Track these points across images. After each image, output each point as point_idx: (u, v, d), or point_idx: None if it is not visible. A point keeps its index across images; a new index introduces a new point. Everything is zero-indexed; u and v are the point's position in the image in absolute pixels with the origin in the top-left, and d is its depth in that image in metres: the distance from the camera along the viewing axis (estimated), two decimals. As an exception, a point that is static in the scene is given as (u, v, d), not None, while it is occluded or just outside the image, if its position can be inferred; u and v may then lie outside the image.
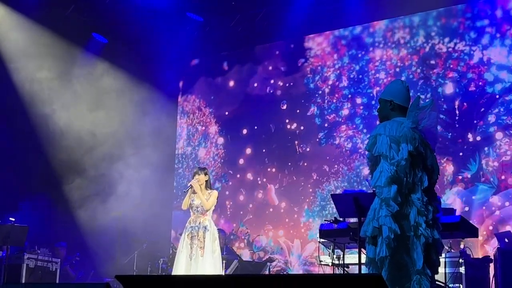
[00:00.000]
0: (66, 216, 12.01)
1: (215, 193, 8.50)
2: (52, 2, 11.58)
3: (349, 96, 12.16)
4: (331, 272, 8.83)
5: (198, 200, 8.41)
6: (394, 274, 4.79)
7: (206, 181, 8.52)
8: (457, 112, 11.08)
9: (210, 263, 8.13)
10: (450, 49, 11.34)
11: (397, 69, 11.77)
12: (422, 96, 10.67)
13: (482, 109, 10.84)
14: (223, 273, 9.11)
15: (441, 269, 6.04)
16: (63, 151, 12.04)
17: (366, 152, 5.16)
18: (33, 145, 11.82)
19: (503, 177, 10.51)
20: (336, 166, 12.10)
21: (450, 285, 7.80)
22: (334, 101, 12.34)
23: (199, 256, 8.12)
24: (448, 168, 10.97)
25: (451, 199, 10.78)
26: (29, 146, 11.80)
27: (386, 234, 4.73)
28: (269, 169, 12.92)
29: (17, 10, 11.50)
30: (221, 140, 13.69)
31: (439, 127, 5.57)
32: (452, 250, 8.49)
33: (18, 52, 11.63)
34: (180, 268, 8.16)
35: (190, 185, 8.46)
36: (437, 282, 6.16)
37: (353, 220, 7.12)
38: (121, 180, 12.37)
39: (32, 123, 11.83)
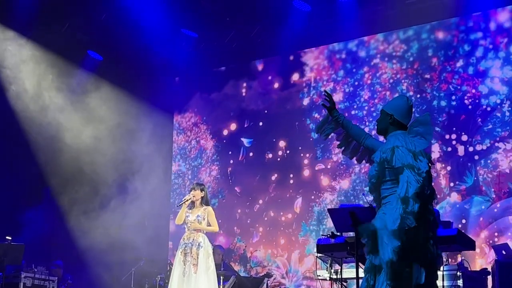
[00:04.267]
0: (62, 233, 11.98)
1: (211, 212, 8.44)
2: (47, 20, 11.60)
3: (344, 110, 12.17)
4: (329, 286, 8.82)
5: (193, 216, 8.37)
6: (397, 286, 4.74)
7: (202, 197, 8.48)
8: (452, 124, 11.10)
9: (204, 280, 8.09)
10: (444, 62, 11.38)
11: (392, 83, 11.80)
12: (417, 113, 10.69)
13: (477, 121, 10.86)
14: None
15: (439, 282, 6.02)
16: (59, 168, 12.03)
17: (373, 165, 5.06)
18: (29, 162, 11.81)
19: (499, 189, 10.52)
20: (332, 180, 12.10)
21: (448, 298, 7.78)
22: (330, 115, 12.33)
23: (192, 273, 8.08)
24: (444, 180, 10.97)
25: (448, 211, 10.77)
26: (25, 163, 11.79)
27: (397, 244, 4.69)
28: (265, 184, 12.90)
29: (13, 28, 11.52)
30: (217, 156, 13.68)
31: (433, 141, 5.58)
32: (449, 263, 8.48)
33: (14, 69, 11.65)
34: (174, 285, 8.13)
35: (185, 199, 8.44)
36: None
37: (350, 234, 7.11)
38: (118, 197, 12.35)
39: (28, 139, 11.82)
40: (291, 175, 12.63)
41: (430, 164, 4.91)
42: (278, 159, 12.87)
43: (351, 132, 5.47)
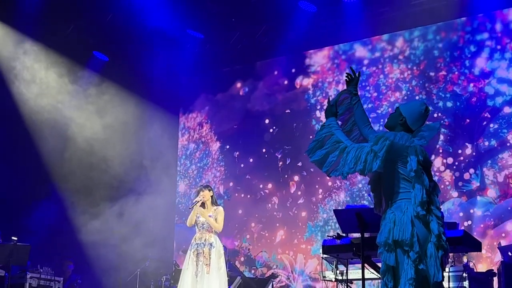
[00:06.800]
0: (68, 234, 11.99)
1: (221, 211, 8.40)
2: (53, 22, 11.64)
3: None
4: None
5: (203, 217, 8.36)
6: (418, 286, 4.67)
7: (211, 196, 8.46)
8: (458, 125, 11.08)
9: (216, 280, 8.08)
10: (450, 63, 11.36)
11: (398, 84, 11.79)
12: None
13: (483, 123, 10.84)
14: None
15: (445, 284, 6.01)
16: (64, 169, 12.05)
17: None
18: (36, 163, 11.84)
19: (505, 190, 10.50)
20: (338, 181, 12.08)
21: (454, 300, 7.77)
22: (335, 116, 12.31)
23: (205, 273, 8.07)
24: (450, 181, 10.95)
25: (453, 212, 10.76)
26: (31, 164, 11.82)
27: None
28: (270, 185, 12.91)
29: (19, 30, 11.55)
30: (222, 156, 13.69)
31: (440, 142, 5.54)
32: (455, 265, 8.47)
33: (21, 69, 11.69)
34: (186, 285, 8.10)
35: (196, 201, 8.38)
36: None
37: (356, 235, 7.09)
38: (123, 197, 12.36)
39: (35, 138, 11.84)
40: (296, 176, 12.63)
41: (421, 163, 4.82)
42: (283, 160, 12.87)
43: (355, 112, 5.35)
